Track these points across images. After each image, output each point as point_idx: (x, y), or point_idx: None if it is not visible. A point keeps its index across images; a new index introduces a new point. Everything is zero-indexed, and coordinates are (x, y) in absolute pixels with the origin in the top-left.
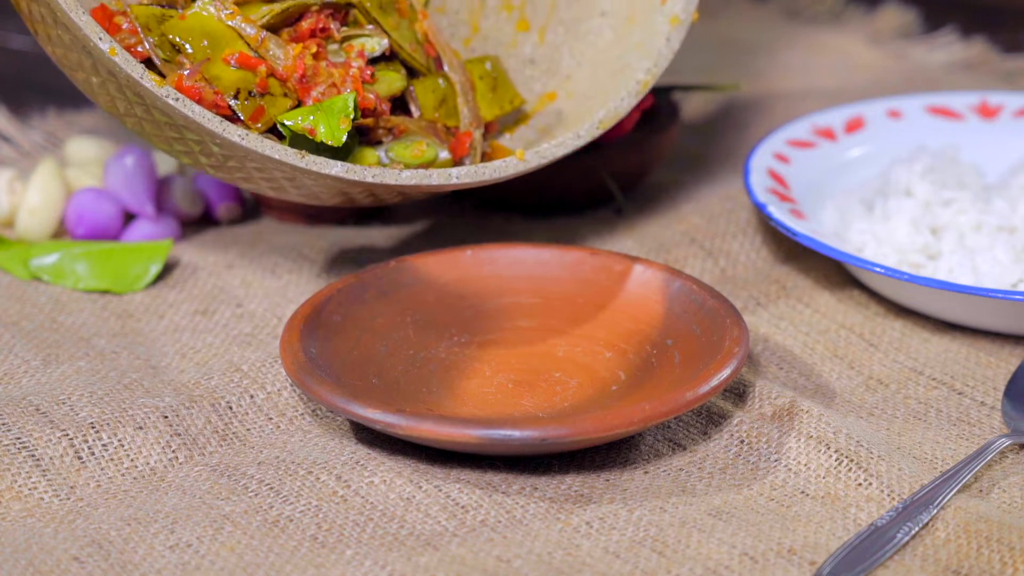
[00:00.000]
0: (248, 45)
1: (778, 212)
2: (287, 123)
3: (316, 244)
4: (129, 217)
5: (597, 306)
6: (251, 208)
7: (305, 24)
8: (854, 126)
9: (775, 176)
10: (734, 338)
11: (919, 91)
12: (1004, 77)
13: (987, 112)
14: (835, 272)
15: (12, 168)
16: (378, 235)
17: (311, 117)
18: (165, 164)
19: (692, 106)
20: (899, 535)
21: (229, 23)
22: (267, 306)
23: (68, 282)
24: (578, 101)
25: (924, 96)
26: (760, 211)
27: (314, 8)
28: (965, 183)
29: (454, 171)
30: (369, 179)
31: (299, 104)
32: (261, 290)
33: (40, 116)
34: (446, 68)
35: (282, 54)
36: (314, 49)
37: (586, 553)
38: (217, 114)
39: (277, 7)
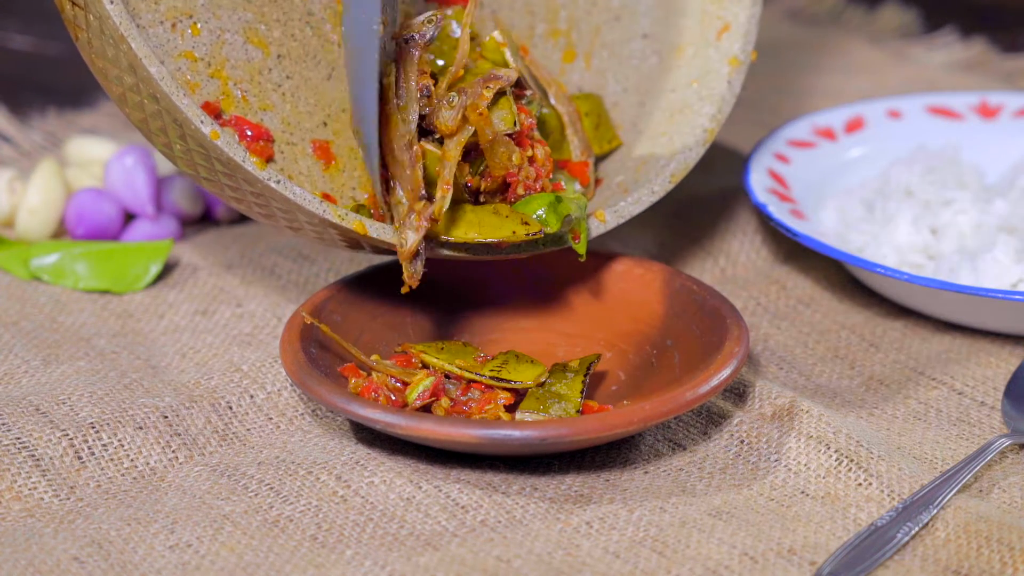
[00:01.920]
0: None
1: (778, 212)
2: (541, 212)
3: (316, 244)
4: (129, 217)
5: (597, 306)
6: None
7: (525, 121)
8: (854, 126)
9: (775, 176)
10: (734, 338)
11: (919, 91)
12: (1004, 77)
13: (987, 112)
14: (835, 272)
15: (12, 168)
16: None
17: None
18: (165, 164)
19: None
20: (899, 535)
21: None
22: (267, 306)
23: (68, 282)
24: (629, 134)
25: (924, 96)
26: (760, 211)
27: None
28: (965, 183)
29: (541, 240)
30: (481, 255)
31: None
32: (261, 290)
33: (40, 116)
34: (552, 101)
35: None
36: (530, 152)
37: (586, 553)
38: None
39: (503, 128)
